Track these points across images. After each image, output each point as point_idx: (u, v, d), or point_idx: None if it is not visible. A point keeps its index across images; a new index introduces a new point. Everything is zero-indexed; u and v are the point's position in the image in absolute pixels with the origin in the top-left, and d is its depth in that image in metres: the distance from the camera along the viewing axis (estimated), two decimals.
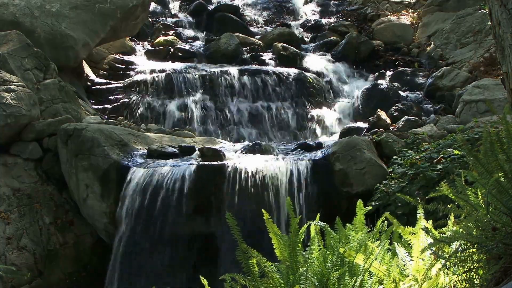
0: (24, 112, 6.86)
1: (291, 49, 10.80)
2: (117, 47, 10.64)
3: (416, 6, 12.41)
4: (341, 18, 13.16)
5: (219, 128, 8.92)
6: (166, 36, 11.56)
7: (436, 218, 3.03)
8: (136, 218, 5.96)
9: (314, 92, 9.58)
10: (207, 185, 5.99)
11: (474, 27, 10.25)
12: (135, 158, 6.44)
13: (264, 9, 14.01)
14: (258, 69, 9.91)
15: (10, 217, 6.43)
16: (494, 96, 7.12)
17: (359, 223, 3.18)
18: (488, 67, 8.82)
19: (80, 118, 7.63)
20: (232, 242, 3.05)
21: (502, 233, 2.40)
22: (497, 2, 3.11)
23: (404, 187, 5.40)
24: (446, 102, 8.80)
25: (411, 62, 10.65)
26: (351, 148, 6.06)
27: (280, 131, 9.04)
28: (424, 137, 6.49)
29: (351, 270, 2.84)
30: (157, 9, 13.32)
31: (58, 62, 8.16)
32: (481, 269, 2.47)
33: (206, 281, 2.98)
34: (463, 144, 2.85)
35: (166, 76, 9.37)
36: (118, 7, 9.31)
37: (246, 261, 2.86)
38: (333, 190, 5.97)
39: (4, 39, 7.69)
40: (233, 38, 10.96)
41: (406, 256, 2.76)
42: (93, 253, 6.72)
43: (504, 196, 2.48)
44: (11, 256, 6.23)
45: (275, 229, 2.96)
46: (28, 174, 6.83)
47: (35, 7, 8.66)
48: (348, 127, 8.35)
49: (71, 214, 6.78)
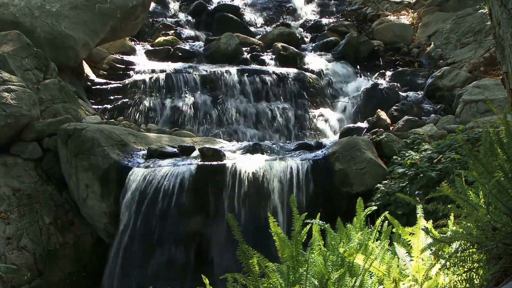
0: (24, 112, 6.86)
1: (291, 49, 10.80)
2: (117, 47, 10.64)
3: (416, 6, 12.42)
4: (341, 18, 13.17)
5: (219, 128, 8.92)
6: (166, 36, 11.55)
7: (436, 218, 3.03)
8: (136, 218, 5.96)
9: (314, 92, 9.58)
10: (207, 185, 5.99)
11: (474, 27, 10.25)
12: (135, 158, 6.44)
13: (264, 9, 14.01)
14: (258, 69, 9.91)
15: (10, 217, 6.43)
16: (494, 96, 7.12)
17: (359, 223, 3.19)
18: (488, 67, 8.82)
19: (80, 118, 7.63)
20: (232, 242, 3.05)
21: (502, 233, 2.40)
22: (497, 2, 3.11)
23: (404, 187, 5.40)
24: (446, 102, 8.80)
25: (411, 62, 10.64)
26: (351, 148, 6.06)
27: (280, 131, 9.05)
28: (424, 137, 6.49)
29: (351, 270, 2.84)
30: (157, 9, 13.32)
31: (58, 62, 8.17)
32: (481, 269, 2.47)
33: (207, 281, 2.98)
34: (463, 144, 2.85)
35: (166, 76, 9.37)
36: (118, 7, 9.31)
37: (246, 261, 2.86)
38: (333, 190, 5.97)
39: (4, 39, 7.69)
40: (233, 38, 10.96)
41: (406, 256, 2.76)
42: (93, 253, 6.73)
43: (504, 196, 2.48)
44: (11, 256, 6.23)
45: (277, 229, 2.96)
46: (28, 174, 6.83)
47: (35, 7, 8.66)
48: (348, 127, 8.35)
49: (71, 214, 6.79)
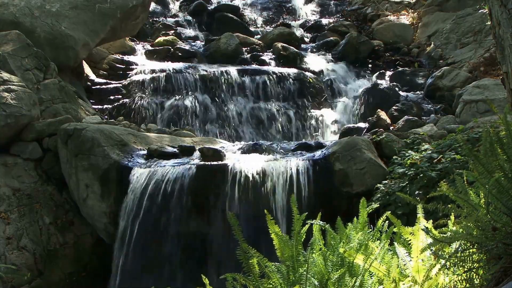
0: (24, 112, 6.86)
1: (291, 49, 10.79)
2: (117, 47, 10.64)
3: (416, 6, 12.42)
4: (341, 18, 13.16)
5: (219, 128, 8.92)
6: (166, 36, 11.55)
7: (436, 218, 3.03)
8: (136, 218, 5.96)
9: (314, 92, 9.59)
10: (207, 185, 6.00)
11: (474, 27, 10.25)
12: (135, 158, 6.44)
13: (264, 9, 14.00)
14: (258, 69, 9.91)
15: (10, 217, 6.43)
16: (494, 96, 7.12)
17: (362, 222, 3.19)
18: (488, 67, 8.82)
19: (80, 118, 7.63)
20: (232, 242, 3.05)
21: (502, 233, 2.40)
22: (497, 2, 3.11)
23: (404, 187, 5.40)
24: (446, 102, 8.80)
25: (411, 62, 10.64)
26: (351, 148, 6.06)
27: (280, 131, 9.05)
28: (424, 137, 6.49)
29: (351, 270, 2.84)
30: (157, 9, 13.31)
31: (58, 62, 8.16)
32: (481, 269, 2.47)
33: (208, 281, 2.98)
34: (463, 144, 2.85)
35: (166, 76, 9.37)
36: (118, 7, 9.30)
37: (246, 261, 2.86)
38: (333, 190, 5.96)
39: (4, 39, 7.69)
40: (233, 38, 10.95)
41: (406, 256, 2.76)
42: (93, 253, 6.73)
43: (504, 196, 2.48)
44: (11, 256, 6.23)
45: (276, 229, 2.96)
46: (28, 174, 6.83)
47: (35, 7, 8.66)
48: (348, 127, 8.35)
49: (71, 214, 6.79)
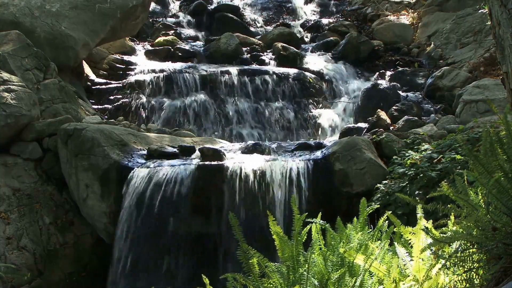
0: (24, 112, 6.86)
1: (291, 49, 10.79)
2: (117, 47, 10.64)
3: (416, 6, 12.42)
4: (341, 18, 13.16)
5: (219, 128, 8.92)
6: (166, 36, 11.55)
7: (436, 218, 3.03)
8: (136, 218, 5.96)
9: (314, 92, 9.59)
10: (207, 185, 5.99)
11: (474, 27, 10.25)
12: (135, 158, 6.44)
13: (264, 9, 14.01)
14: (258, 69, 9.91)
15: (10, 217, 6.43)
16: (494, 96, 7.12)
17: (362, 222, 3.19)
18: (488, 67, 8.82)
19: (80, 118, 7.63)
20: (232, 242, 3.05)
21: (502, 233, 2.40)
22: (497, 2, 3.11)
23: (404, 187, 5.39)
24: (446, 102, 8.80)
25: (411, 62, 10.64)
26: (351, 148, 6.06)
27: (280, 131, 9.05)
28: (424, 137, 6.49)
29: (351, 270, 2.84)
30: (157, 9, 13.32)
31: (58, 62, 8.17)
32: (481, 269, 2.47)
33: (207, 281, 2.98)
34: (463, 144, 2.85)
35: (166, 76, 9.37)
36: (118, 7, 9.31)
37: (246, 261, 2.86)
38: (333, 190, 5.96)
39: (4, 39, 7.69)
40: (233, 38, 10.96)
41: (406, 256, 2.76)
42: (93, 253, 6.73)
43: (504, 196, 2.48)
44: (11, 256, 6.23)
45: (277, 229, 2.96)
46: (28, 174, 6.83)
47: (35, 7, 8.66)
48: (348, 127, 8.35)
49: (71, 214, 6.79)
